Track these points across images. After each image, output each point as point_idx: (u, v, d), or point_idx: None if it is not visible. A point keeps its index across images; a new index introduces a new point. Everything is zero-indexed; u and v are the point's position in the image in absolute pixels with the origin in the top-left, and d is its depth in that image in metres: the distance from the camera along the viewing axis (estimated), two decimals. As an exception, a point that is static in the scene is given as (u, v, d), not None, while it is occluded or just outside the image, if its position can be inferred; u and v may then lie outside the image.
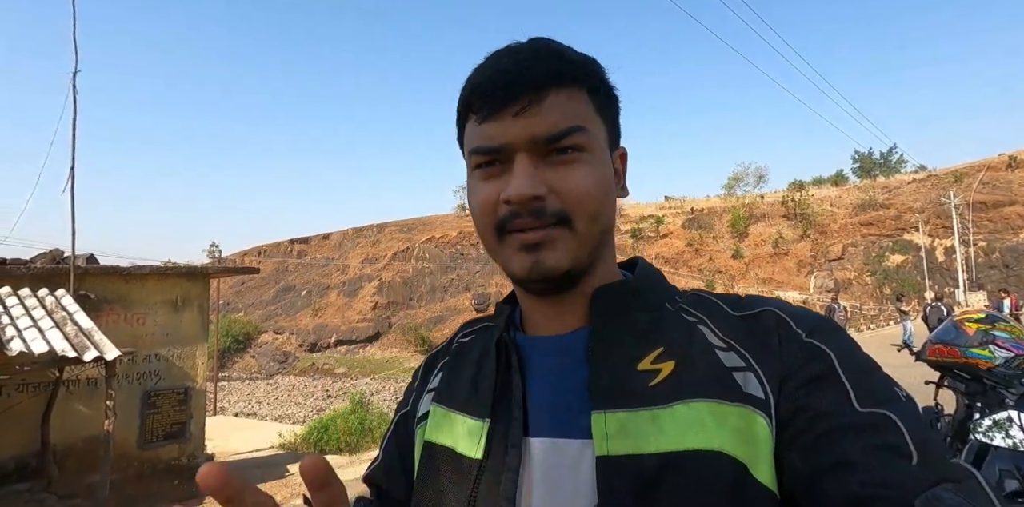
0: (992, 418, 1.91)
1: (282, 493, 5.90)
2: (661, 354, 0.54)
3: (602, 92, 0.59)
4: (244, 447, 9.91)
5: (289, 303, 51.02)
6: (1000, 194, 36.26)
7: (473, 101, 0.56)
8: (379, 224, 59.25)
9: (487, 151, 0.56)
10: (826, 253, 38.87)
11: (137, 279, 6.71)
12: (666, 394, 0.51)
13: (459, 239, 50.79)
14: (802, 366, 0.50)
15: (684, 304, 0.59)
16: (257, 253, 60.32)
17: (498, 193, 0.55)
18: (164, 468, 6.80)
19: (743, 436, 0.48)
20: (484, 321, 0.71)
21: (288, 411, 26.40)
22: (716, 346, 0.53)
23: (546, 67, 0.54)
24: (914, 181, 44.55)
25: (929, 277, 33.14)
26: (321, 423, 11.18)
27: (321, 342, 45.00)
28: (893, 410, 0.46)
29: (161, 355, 6.89)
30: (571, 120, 0.54)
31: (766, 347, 0.52)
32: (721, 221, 44.75)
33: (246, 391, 31.33)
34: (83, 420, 6.24)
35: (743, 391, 0.50)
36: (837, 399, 0.47)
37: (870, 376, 0.50)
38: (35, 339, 4.56)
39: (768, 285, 37.31)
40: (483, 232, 0.58)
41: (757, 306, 0.57)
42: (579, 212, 0.54)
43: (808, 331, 0.52)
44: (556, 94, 0.54)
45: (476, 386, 0.62)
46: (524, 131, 0.53)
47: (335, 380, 37.21)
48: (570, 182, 0.54)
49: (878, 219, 38.90)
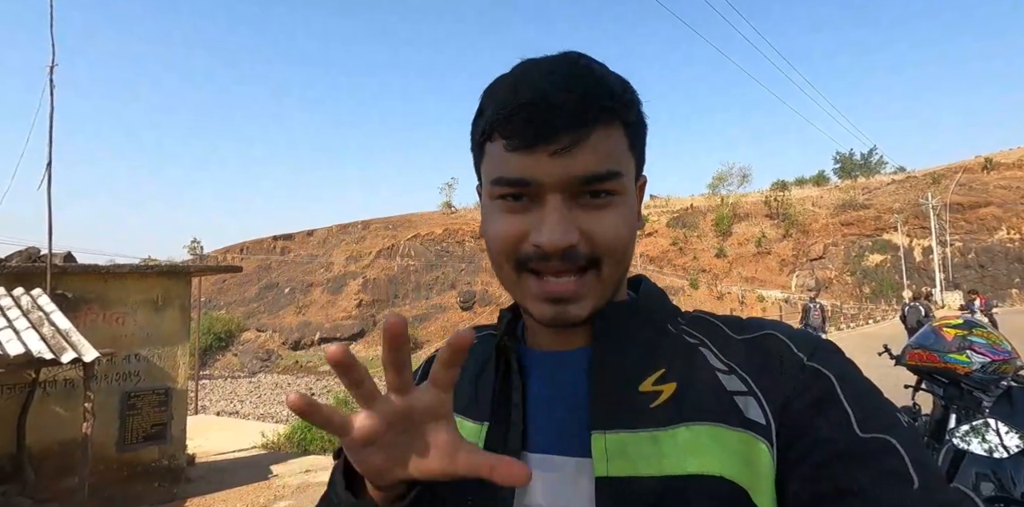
0: (970, 424, 1.95)
1: (265, 496, 5.83)
2: (662, 376, 0.53)
3: (637, 125, 0.56)
4: (226, 447, 9.79)
5: (272, 300, 50.49)
6: (976, 196, 37.05)
7: (502, 126, 0.52)
8: (364, 221, 58.88)
9: (516, 184, 0.52)
10: (807, 252, 39.43)
11: (116, 278, 6.57)
12: (667, 416, 0.50)
13: (445, 237, 50.64)
14: (803, 391, 0.50)
15: (686, 325, 0.59)
16: (240, 250, 59.61)
17: (522, 230, 0.53)
18: (144, 470, 6.67)
19: (744, 461, 0.48)
20: (489, 328, 0.70)
21: (271, 410, 26.15)
22: (718, 369, 0.53)
23: (589, 101, 0.51)
24: (893, 182, 45.33)
25: (907, 277, 33.79)
26: (305, 422, 11.08)
27: (305, 340, 44.60)
28: (894, 435, 0.46)
29: (141, 355, 6.75)
30: (609, 163, 0.52)
31: (768, 371, 0.52)
32: (705, 220, 45.16)
33: (228, 389, 30.98)
34: (60, 422, 6.10)
35: (744, 416, 0.49)
36: (838, 423, 0.47)
37: (871, 400, 0.49)
38: (10, 340, 4.45)
39: (751, 284, 37.73)
40: (499, 264, 0.56)
41: (759, 329, 0.56)
42: (609, 257, 0.53)
43: (809, 355, 0.52)
44: (597, 133, 0.51)
45: (476, 390, 0.62)
46: (561, 171, 0.50)
47: (319, 378, 36.93)
48: (603, 228, 0.52)
49: (858, 219, 39.54)
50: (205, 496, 5.99)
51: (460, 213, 57.08)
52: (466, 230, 50.63)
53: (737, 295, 35.69)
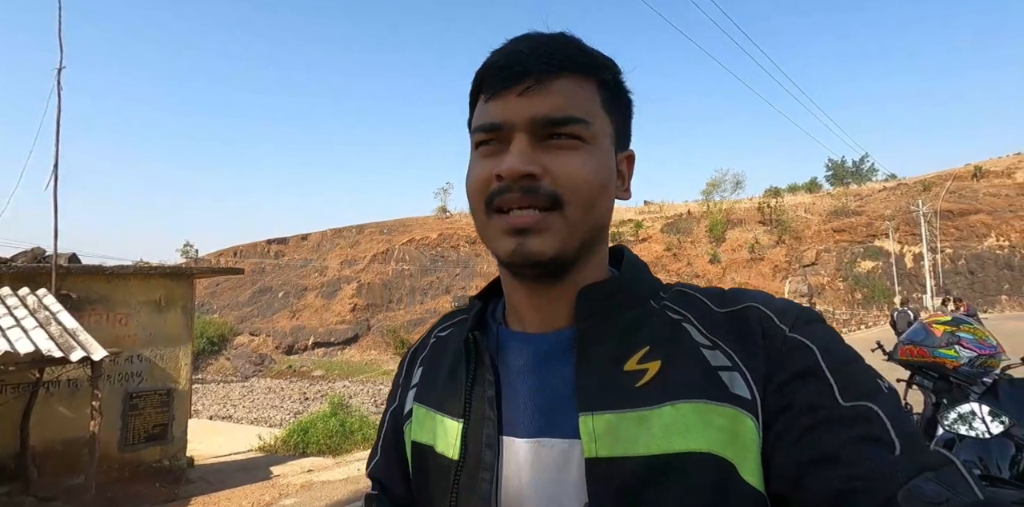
0: (957, 411, 2.07)
1: (270, 494, 5.87)
2: (647, 353, 0.53)
3: (612, 87, 0.58)
4: (221, 450, 9.79)
5: (266, 304, 50.29)
6: (966, 203, 37.47)
7: (484, 79, 0.56)
8: (359, 225, 58.79)
9: (488, 128, 0.55)
10: (800, 259, 39.73)
11: (120, 279, 6.63)
12: (653, 395, 0.51)
13: (439, 241, 50.66)
14: (786, 362, 0.50)
15: (668, 301, 0.58)
16: (233, 253, 59.36)
17: (492, 170, 0.54)
18: (146, 470, 6.72)
19: (730, 436, 0.48)
20: (461, 314, 0.70)
21: (265, 414, 26.01)
22: (701, 345, 0.53)
23: (558, 52, 0.54)
24: (884, 189, 45.76)
25: (898, 283, 34.08)
26: (301, 426, 11.12)
27: (298, 344, 44.43)
28: (876, 402, 0.46)
29: (144, 356, 6.81)
30: (575, 110, 0.54)
31: (751, 345, 0.52)
32: (699, 226, 45.41)
33: (221, 394, 30.78)
34: (63, 422, 6.15)
35: (730, 391, 0.50)
36: (820, 393, 0.47)
37: (853, 368, 0.50)
38: (19, 339, 4.51)
39: (744, 289, 37.89)
40: (474, 208, 0.57)
41: (741, 302, 0.56)
42: (572, 197, 0.53)
43: (791, 325, 0.52)
44: (564, 80, 0.54)
45: (450, 385, 0.62)
46: (525, 110, 0.53)
47: (312, 383, 36.77)
48: (567, 166, 0.53)
49: (850, 226, 39.89)
50: (210, 495, 6.04)
51: (455, 218, 57.14)
52: (461, 235, 50.67)
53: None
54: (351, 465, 7.40)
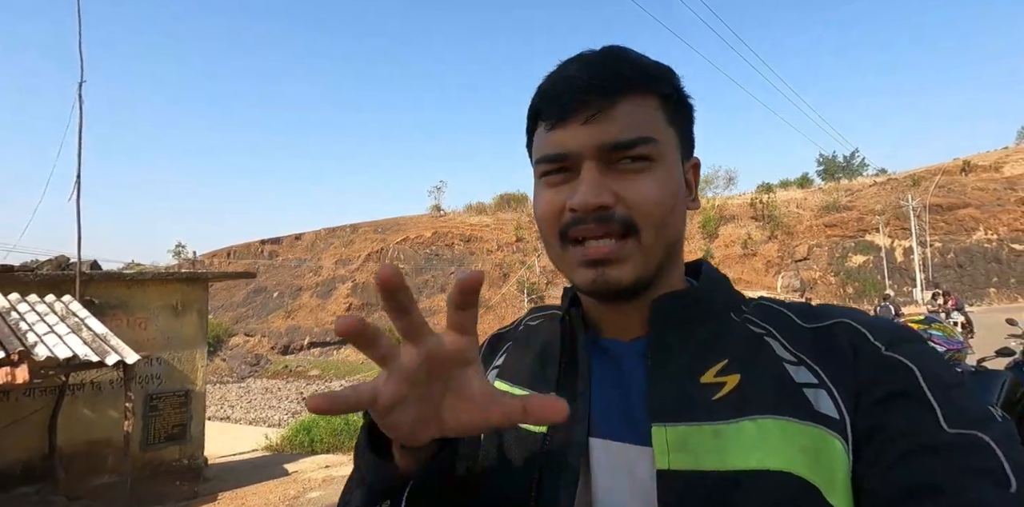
0: None
1: (294, 488, 6.10)
2: (725, 366, 0.52)
3: (674, 100, 0.58)
4: (225, 450, 9.97)
5: (261, 305, 50.27)
6: (955, 198, 37.99)
7: (542, 108, 0.56)
8: (353, 224, 58.70)
9: (553, 159, 0.55)
10: (792, 254, 40.20)
11: (139, 284, 6.83)
12: (730, 409, 0.49)
13: (434, 240, 50.75)
14: (881, 381, 0.47)
15: (750, 314, 0.57)
16: (227, 254, 59.20)
17: (563, 200, 0.54)
18: (166, 469, 6.93)
19: (815, 457, 0.45)
20: (553, 308, 0.70)
21: (262, 414, 26.11)
22: (785, 360, 0.51)
23: (617, 73, 0.54)
24: (875, 184, 46.21)
25: (889, 277, 34.58)
26: (303, 425, 11.33)
27: (294, 344, 44.50)
28: (987, 431, 0.42)
29: (162, 358, 7.02)
30: (641, 130, 0.53)
31: (840, 362, 0.49)
32: (692, 222, 45.80)
33: (217, 395, 30.81)
34: (88, 423, 6.36)
35: (815, 409, 0.47)
36: (922, 417, 0.44)
37: (959, 392, 0.46)
38: (56, 344, 4.71)
39: (738, 285, 37.58)
40: (547, 239, 0.57)
41: (829, 317, 0.54)
42: (646, 222, 0.53)
43: (887, 344, 0.49)
44: (626, 102, 0.53)
45: (543, 365, 0.62)
46: (592, 139, 0.53)
47: (309, 382, 36.87)
48: (637, 191, 0.53)
49: (841, 221, 40.36)
50: (235, 490, 6.26)
51: (449, 216, 57.20)
52: (455, 233, 50.77)
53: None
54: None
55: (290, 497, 5.73)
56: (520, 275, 40.77)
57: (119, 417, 6.20)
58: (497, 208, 55.05)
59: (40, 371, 4.37)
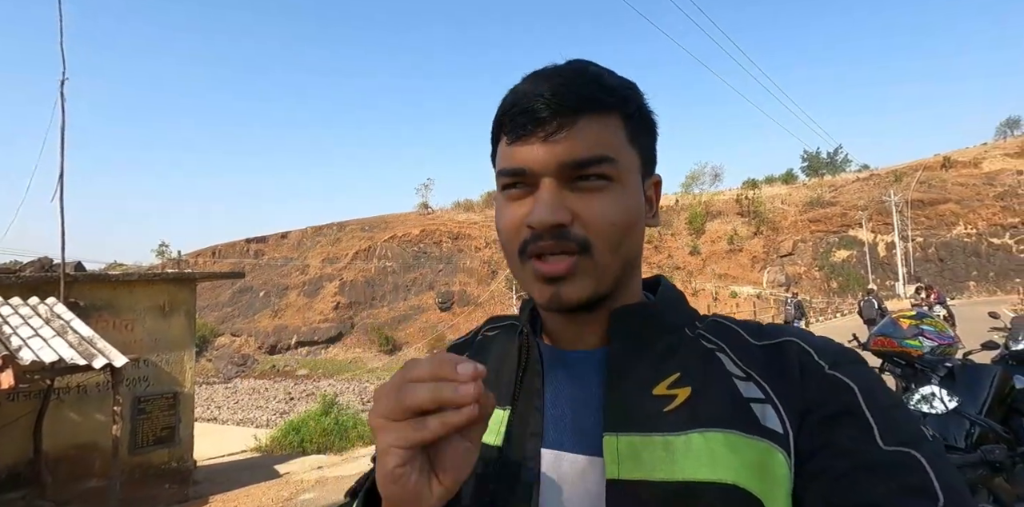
0: (920, 393, 2.43)
1: (287, 490, 6.06)
2: (677, 380, 0.53)
3: (637, 118, 0.58)
4: (213, 452, 9.83)
5: (247, 304, 49.88)
6: (935, 193, 38.65)
7: (505, 122, 0.56)
8: (339, 223, 58.39)
9: (512, 173, 0.55)
10: (778, 249, 40.65)
11: (125, 285, 6.73)
12: (681, 421, 0.50)
13: (422, 237, 50.62)
14: (824, 400, 0.49)
15: (703, 330, 0.58)
16: (212, 253, 58.61)
17: (522, 216, 0.54)
18: (154, 472, 6.84)
19: (759, 470, 0.47)
20: (510, 319, 0.71)
21: (250, 415, 25.95)
22: (734, 375, 0.53)
23: (580, 92, 0.54)
24: (858, 180, 46.86)
25: (872, 271, 35.11)
26: (293, 425, 11.23)
27: (281, 344, 44.23)
28: (919, 449, 0.45)
29: (150, 360, 6.92)
30: (601, 149, 0.53)
31: (787, 379, 0.51)
32: (679, 218, 46.11)
33: (204, 396, 30.58)
34: (74, 427, 6.26)
35: (761, 424, 0.49)
36: (860, 436, 0.46)
37: (895, 413, 0.48)
38: (41, 348, 4.63)
39: (724, 280, 38.75)
40: (508, 254, 0.58)
41: (778, 336, 0.56)
42: (601, 241, 0.53)
43: (831, 363, 0.51)
44: (587, 120, 0.53)
45: (499, 377, 0.62)
46: (551, 157, 0.53)
47: (297, 382, 36.70)
48: (594, 210, 0.53)
49: (825, 216, 40.89)
50: (226, 493, 6.21)
51: (437, 214, 57.08)
52: (443, 231, 50.68)
53: (711, 292, 36.64)
54: (360, 461, 7.60)
55: (283, 499, 5.70)
56: (508, 272, 40.70)
57: (106, 421, 6.12)
58: (485, 205, 54.98)
59: (25, 375, 4.31)
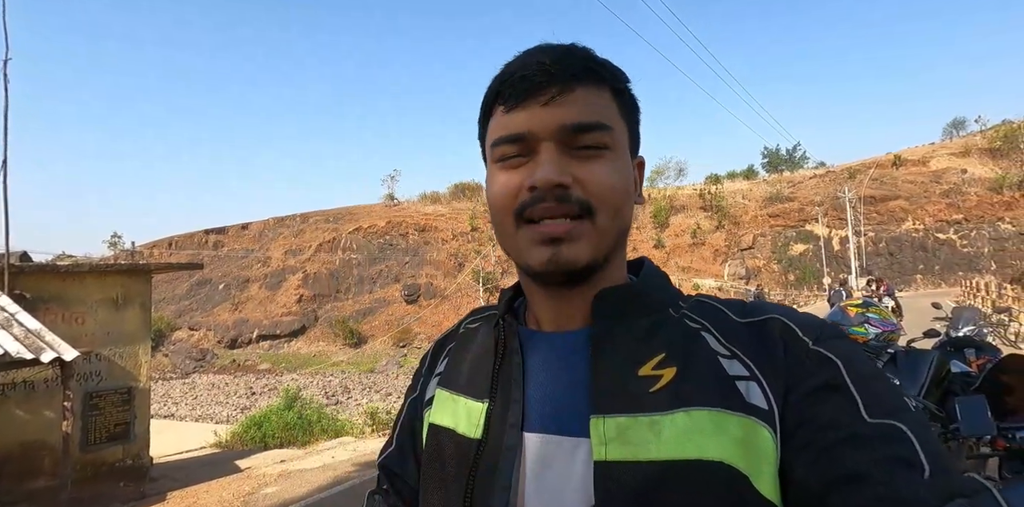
0: None
1: (248, 485, 5.95)
2: (663, 360, 0.53)
3: (626, 97, 0.60)
4: (170, 448, 9.59)
5: (205, 297, 48.48)
6: (887, 190, 40.17)
7: (502, 90, 0.57)
8: (303, 214, 57.09)
9: (512, 139, 0.56)
10: (738, 243, 41.68)
11: (75, 277, 6.46)
12: (666, 401, 0.50)
13: (388, 229, 50.00)
14: (808, 375, 0.49)
15: (688, 310, 0.59)
16: (168, 244, 56.64)
17: (520, 181, 0.55)
18: (108, 470, 6.62)
19: (745, 447, 0.47)
20: (491, 309, 0.71)
21: (209, 411, 25.39)
22: (719, 354, 0.53)
23: (576, 62, 0.56)
24: (815, 176, 48.26)
25: (827, 264, 36.39)
26: (254, 420, 11.02)
27: (242, 338, 43.21)
28: (903, 421, 0.45)
29: (102, 355, 6.68)
30: (597, 116, 0.55)
31: (771, 356, 0.51)
32: (644, 212, 46.76)
33: (160, 392, 29.74)
34: (21, 424, 6.00)
35: (746, 400, 0.49)
36: (845, 409, 0.46)
37: (878, 385, 0.49)
38: (-16, 342, 4.43)
39: (687, 273, 39.58)
40: (500, 219, 0.58)
41: (762, 313, 0.56)
42: (602, 205, 0.54)
43: (814, 339, 0.52)
44: (584, 89, 0.55)
45: (477, 369, 0.63)
46: (552, 119, 0.54)
47: (259, 377, 35.97)
48: (594, 175, 0.54)
49: (784, 211, 42.06)
50: (184, 489, 6.06)
51: (403, 206, 56.43)
52: (409, 222, 50.16)
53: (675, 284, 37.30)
54: (323, 454, 7.52)
55: (245, 493, 5.59)
56: (475, 264, 40.70)
57: (56, 417, 5.88)
58: (452, 197, 54.65)
59: (-32, 371, 4.11)
